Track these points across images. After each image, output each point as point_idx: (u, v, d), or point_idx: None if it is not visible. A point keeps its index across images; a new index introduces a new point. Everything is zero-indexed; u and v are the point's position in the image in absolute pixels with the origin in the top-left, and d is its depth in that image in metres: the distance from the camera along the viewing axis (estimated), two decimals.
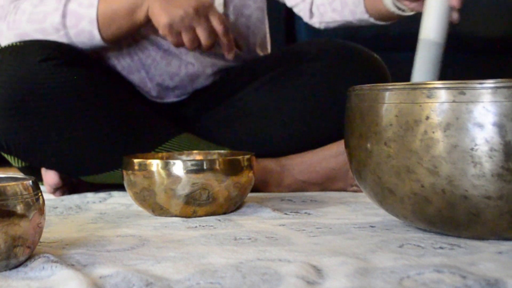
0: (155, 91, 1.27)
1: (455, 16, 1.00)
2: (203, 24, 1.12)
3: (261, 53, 1.35)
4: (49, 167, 1.15)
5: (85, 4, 1.13)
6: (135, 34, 1.21)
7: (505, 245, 0.69)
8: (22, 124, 1.08)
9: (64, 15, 1.12)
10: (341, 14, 1.29)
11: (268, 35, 1.37)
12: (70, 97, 1.08)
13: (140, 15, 1.12)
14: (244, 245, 0.73)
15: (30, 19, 1.14)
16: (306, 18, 1.37)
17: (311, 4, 1.34)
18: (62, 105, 1.08)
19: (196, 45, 1.13)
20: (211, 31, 1.13)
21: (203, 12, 1.12)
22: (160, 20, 1.10)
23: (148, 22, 1.13)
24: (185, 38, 1.12)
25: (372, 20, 1.25)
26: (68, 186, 1.19)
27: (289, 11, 2.01)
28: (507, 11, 2.22)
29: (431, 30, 0.97)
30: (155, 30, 1.19)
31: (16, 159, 1.13)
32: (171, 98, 1.29)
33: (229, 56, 1.18)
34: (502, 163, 0.66)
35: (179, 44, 1.13)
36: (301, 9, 1.36)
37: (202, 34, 1.12)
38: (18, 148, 1.11)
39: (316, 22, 1.35)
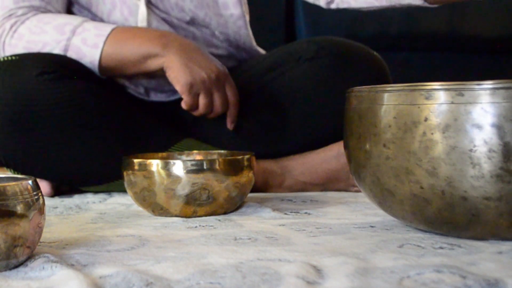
0: (142, 89, 1.25)
1: None
2: (221, 91, 1.11)
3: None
4: (48, 179, 1.13)
5: (90, 43, 1.10)
6: None
7: (505, 245, 0.69)
8: (20, 140, 1.06)
9: (66, 50, 1.10)
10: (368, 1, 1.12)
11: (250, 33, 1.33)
12: (69, 111, 1.06)
13: (152, 65, 1.10)
14: (244, 245, 0.73)
15: (27, 47, 1.11)
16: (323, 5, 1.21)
17: None
18: (62, 119, 1.06)
19: (209, 111, 1.12)
20: (226, 100, 1.12)
21: (222, 80, 1.11)
22: (181, 77, 1.07)
23: (159, 71, 1.10)
24: (202, 101, 1.09)
25: (421, 2, 1.05)
26: (59, 195, 1.18)
27: (289, 10, 2.01)
28: (507, 11, 2.22)
29: None
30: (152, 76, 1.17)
31: (14, 171, 1.11)
32: (159, 98, 1.26)
33: (231, 127, 1.17)
34: (501, 164, 0.66)
35: (193, 105, 1.10)
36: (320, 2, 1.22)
37: (218, 101, 1.11)
38: (16, 162, 1.08)
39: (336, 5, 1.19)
